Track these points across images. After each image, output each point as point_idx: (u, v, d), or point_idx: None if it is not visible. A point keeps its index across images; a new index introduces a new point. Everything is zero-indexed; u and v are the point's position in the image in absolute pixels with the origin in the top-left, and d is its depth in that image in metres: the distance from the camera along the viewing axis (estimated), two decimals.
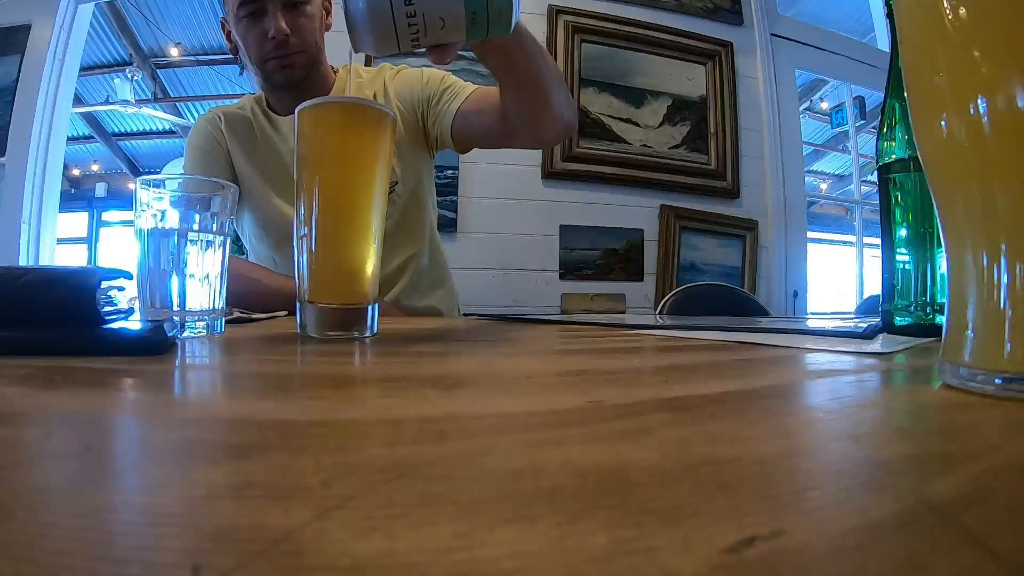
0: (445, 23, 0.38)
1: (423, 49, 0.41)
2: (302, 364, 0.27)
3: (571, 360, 0.28)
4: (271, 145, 0.85)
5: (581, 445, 0.13)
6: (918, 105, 0.21)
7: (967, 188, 0.19)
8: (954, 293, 0.20)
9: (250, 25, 0.77)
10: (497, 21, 0.39)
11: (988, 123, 0.18)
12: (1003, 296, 0.18)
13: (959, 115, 0.18)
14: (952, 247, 0.20)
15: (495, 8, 0.39)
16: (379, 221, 0.40)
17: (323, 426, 0.14)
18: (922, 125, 0.20)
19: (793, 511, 0.09)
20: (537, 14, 1.89)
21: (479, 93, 0.81)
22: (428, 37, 0.39)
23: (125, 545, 0.08)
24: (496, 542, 0.08)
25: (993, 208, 0.18)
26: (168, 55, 3.61)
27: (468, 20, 0.39)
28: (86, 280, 0.29)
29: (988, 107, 0.17)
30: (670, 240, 1.94)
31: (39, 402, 0.17)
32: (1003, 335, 0.18)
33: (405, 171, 0.86)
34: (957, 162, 0.19)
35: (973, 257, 0.19)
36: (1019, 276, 0.18)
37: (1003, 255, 0.18)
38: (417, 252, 0.89)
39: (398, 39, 0.38)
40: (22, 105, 1.83)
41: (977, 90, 0.18)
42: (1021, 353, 0.18)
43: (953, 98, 0.19)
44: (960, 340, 0.20)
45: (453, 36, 0.40)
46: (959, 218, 0.20)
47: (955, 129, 0.19)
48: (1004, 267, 0.18)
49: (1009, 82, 0.17)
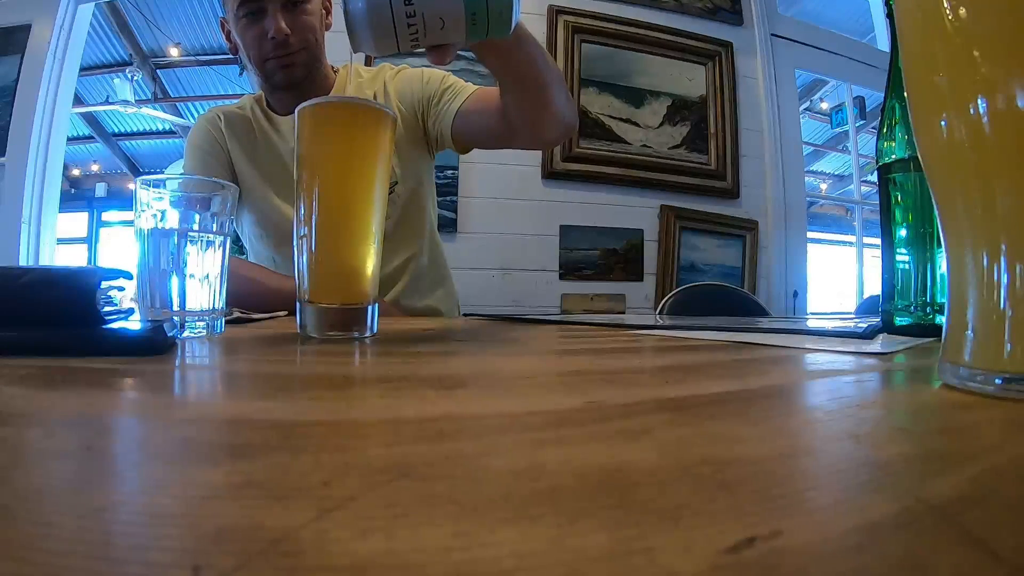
0: (445, 24, 0.38)
1: (422, 49, 0.41)
2: (302, 364, 0.27)
3: (571, 360, 0.28)
4: (271, 145, 0.85)
5: (581, 445, 0.13)
6: (918, 105, 0.21)
7: (967, 188, 0.19)
8: (954, 293, 0.20)
9: (249, 25, 0.77)
10: (497, 22, 0.39)
11: (988, 123, 0.18)
12: (1003, 296, 0.18)
13: (959, 115, 0.18)
14: (952, 247, 0.20)
15: (495, 9, 0.38)
16: (379, 221, 0.40)
17: (323, 426, 0.14)
18: (922, 125, 0.20)
19: (793, 511, 0.09)
20: (537, 14, 1.89)
21: (479, 93, 0.81)
22: (428, 38, 0.39)
23: (125, 545, 0.08)
24: (496, 542, 0.08)
25: (993, 208, 0.18)
26: (168, 55, 3.61)
27: (468, 21, 0.38)
28: (86, 280, 0.29)
29: (988, 107, 0.17)
30: (670, 240, 1.94)
31: (39, 402, 0.17)
32: (1003, 335, 0.18)
33: (405, 171, 0.86)
34: (957, 162, 0.19)
35: (973, 257, 0.19)
36: (1019, 276, 0.18)
37: (1003, 255, 0.18)
38: (417, 252, 0.89)
39: (398, 39, 0.38)
40: (22, 105, 1.83)
41: (977, 90, 0.18)
42: (1021, 353, 0.18)
43: (953, 98, 0.19)
44: (960, 340, 0.20)
45: (453, 37, 0.40)
46: (959, 217, 0.20)
47: (955, 129, 0.19)
48: (1004, 267, 0.18)
49: (1009, 82, 0.17)
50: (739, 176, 2.04)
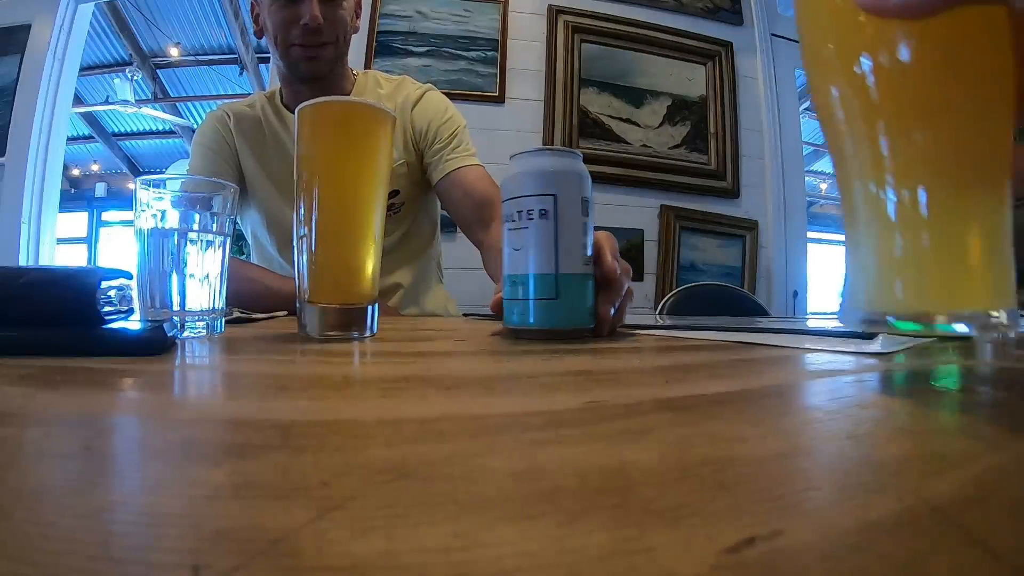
0: None
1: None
2: (302, 364, 0.27)
3: (571, 360, 0.28)
4: (280, 144, 0.85)
5: (581, 445, 0.13)
6: (813, 72, 0.22)
7: (859, 139, 0.20)
8: (849, 241, 0.21)
9: (282, 7, 0.75)
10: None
11: (871, 80, 0.19)
12: (896, 241, 0.19)
13: (846, 77, 0.20)
14: (845, 202, 0.22)
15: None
16: (379, 221, 0.40)
17: (323, 426, 0.14)
18: (817, 89, 0.22)
19: (793, 511, 0.09)
20: (537, 14, 1.89)
21: (478, 174, 0.84)
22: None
23: (125, 545, 0.08)
24: (496, 542, 0.08)
25: (879, 156, 0.20)
26: (168, 55, 3.61)
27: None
28: (86, 280, 0.29)
29: (872, 65, 0.19)
30: (670, 240, 1.93)
31: (39, 402, 0.17)
32: (894, 279, 0.20)
33: (412, 189, 0.87)
34: (848, 114, 0.21)
35: (864, 206, 0.20)
36: (903, 220, 0.19)
37: (887, 201, 0.19)
38: (415, 274, 0.90)
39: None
40: (22, 105, 1.83)
41: (858, 51, 0.19)
42: (913, 295, 0.19)
43: (840, 61, 0.20)
44: (858, 285, 0.21)
45: None
46: (848, 168, 0.21)
47: (845, 89, 0.20)
48: (891, 211, 0.19)
49: (881, 43, 0.19)
50: (739, 176, 2.04)
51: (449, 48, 1.80)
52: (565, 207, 0.38)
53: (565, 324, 0.39)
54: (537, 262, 0.38)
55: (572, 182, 0.39)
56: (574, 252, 0.39)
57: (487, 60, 1.82)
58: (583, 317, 0.39)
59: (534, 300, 0.38)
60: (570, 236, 0.38)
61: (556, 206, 0.38)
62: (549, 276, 0.38)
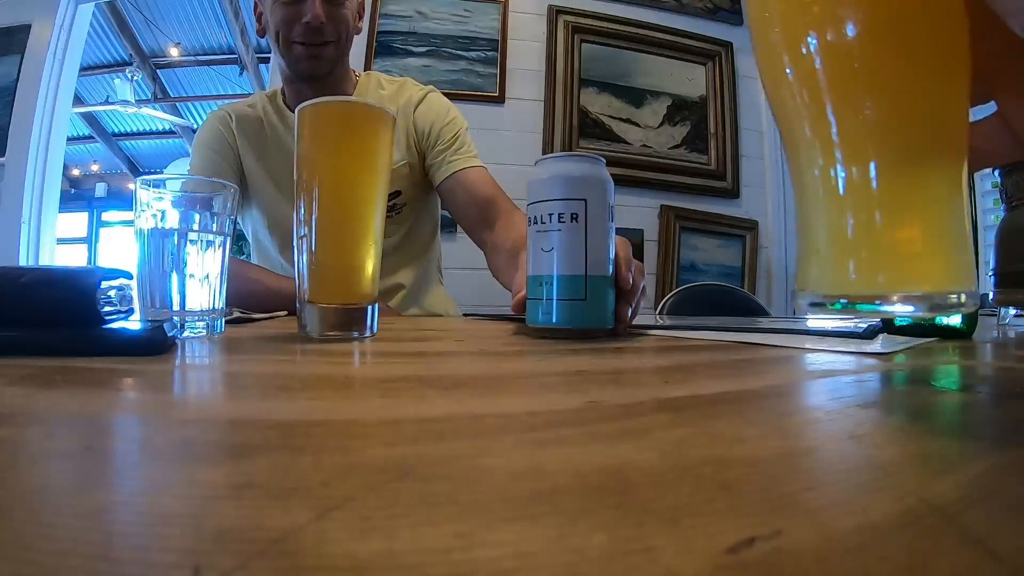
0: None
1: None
2: (302, 364, 0.27)
3: (571, 360, 0.28)
4: (282, 144, 0.85)
5: (581, 445, 0.13)
6: (763, 57, 0.22)
7: (811, 118, 0.20)
8: (801, 225, 0.21)
9: (285, 4, 0.76)
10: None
11: (820, 60, 0.19)
12: (847, 222, 0.19)
13: (793, 56, 0.20)
14: (796, 184, 0.21)
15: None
16: (380, 221, 0.40)
17: (323, 426, 0.14)
18: (767, 76, 0.22)
19: (793, 511, 0.09)
20: (537, 14, 1.89)
21: (481, 175, 0.84)
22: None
23: (125, 545, 0.08)
24: (496, 542, 0.08)
25: (828, 136, 0.19)
26: (168, 55, 3.61)
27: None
28: (86, 280, 0.29)
29: (818, 44, 0.19)
30: (670, 240, 1.93)
31: (39, 402, 0.17)
32: (847, 261, 0.19)
33: (414, 190, 0.87)
34: (796, 98, 0.20)
35: (813, 188, 0.20)
36: (853, 200, 0.19)
37: (838, 180, 0.19)
38: (416, 275, 0.90)
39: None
40: (22, 105, 1.83)
41: (806, 31, 0.19)
42: (864, 277, 0.19)
43: (787, 44, 0.20)
44: (807, 269, 0.20)
45: None
46: (799, 148, 0.20)
47: (794, 68, 0.20)
48: (842, 191, 0.19)
49: (828, 22, 0.18)
50: (739, 176, 2.04)
51: (449, 48, 1.80)
52: (594, 212, 0.40)
53: (589, 324, 0.40)
54: (565, 264, 0.39)
55: (601, 188, 0.41)
56: (600, 256, 0.40)
57: (487, 60, 1.82)
58: (605, 317, 0.41)
59: (560, 300, 0.39)
60: (597, 240, 0.40)
61: (586, 211, 0.40)
62: (577, 278, 0.39)
